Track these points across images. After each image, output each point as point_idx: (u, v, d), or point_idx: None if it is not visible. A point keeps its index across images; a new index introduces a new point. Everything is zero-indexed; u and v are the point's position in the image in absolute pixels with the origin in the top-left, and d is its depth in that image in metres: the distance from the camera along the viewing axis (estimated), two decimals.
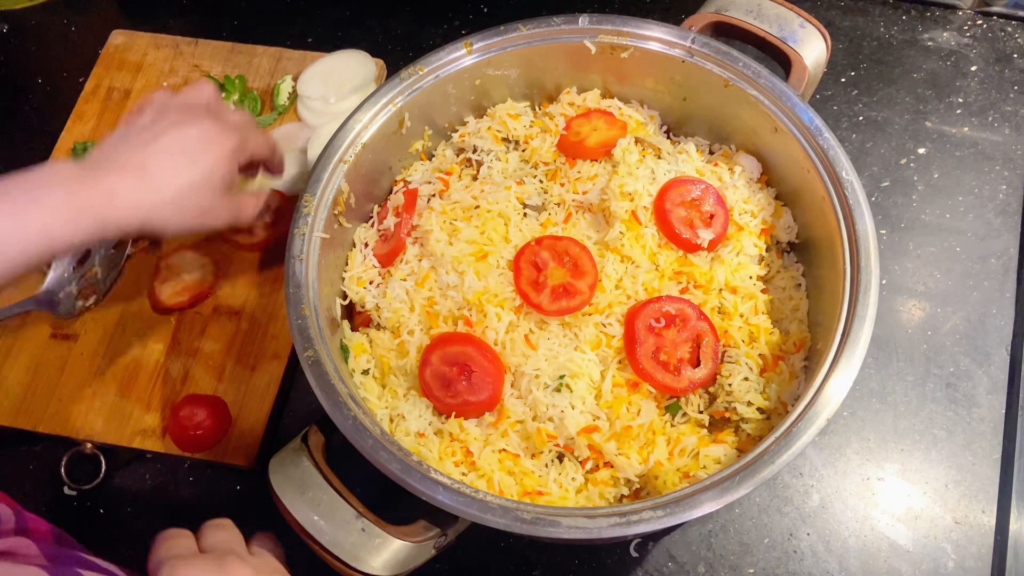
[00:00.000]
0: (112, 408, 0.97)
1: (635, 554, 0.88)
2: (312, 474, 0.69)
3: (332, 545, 0.66)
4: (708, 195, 0.86)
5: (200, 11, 1.30)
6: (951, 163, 1.08)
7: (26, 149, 1.18)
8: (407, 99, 0.88)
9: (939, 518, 0.89)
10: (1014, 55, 1.15)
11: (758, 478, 0.65)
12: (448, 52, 0.89)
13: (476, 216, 0.89)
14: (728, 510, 0.90)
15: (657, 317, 0.80)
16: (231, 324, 1.01)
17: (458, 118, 0.97)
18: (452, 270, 0.85)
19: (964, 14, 1.19)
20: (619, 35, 0.89)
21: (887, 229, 1.04)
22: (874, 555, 0.87)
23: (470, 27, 1.24)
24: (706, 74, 0.87)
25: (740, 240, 0.86)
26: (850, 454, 0.92)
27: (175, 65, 1.20)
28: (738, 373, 0.80)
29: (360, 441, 0.69)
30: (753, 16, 0.88)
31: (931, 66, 1.15)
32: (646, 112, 0.96)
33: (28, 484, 0.96)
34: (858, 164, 0.99)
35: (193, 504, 0.94)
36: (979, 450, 0.92)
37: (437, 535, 0.70)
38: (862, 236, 0.76)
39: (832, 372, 0.70)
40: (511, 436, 0.79)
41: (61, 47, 1.28)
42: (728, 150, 0.93)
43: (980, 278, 1.01)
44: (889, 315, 0.99)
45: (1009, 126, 1.10)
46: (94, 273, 1.00)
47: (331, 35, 1.25)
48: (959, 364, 0.96)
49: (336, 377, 0.73)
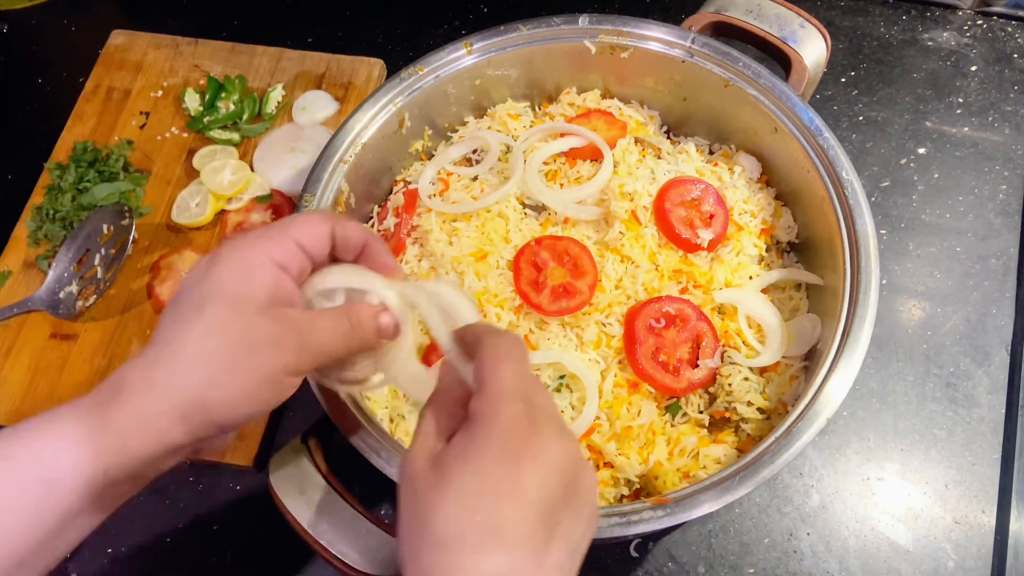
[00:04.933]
0: None
1: (635, 554, 0.88)
2: (312, 474, 0.69)
3: (332, 545, 0.66)
4: (708, 195, 0.86)
5: (200, 11, 1.30)
6: (951, 163, 1.08)
7: (26, 149, 1.18)
8: (407, 99, 0.88)
9: (939, 518, 0.89)
10: (1014, 55, 1.15)
11: (758, 478, 0.65)
12: (448, 52, 0.89)
13: (476, 216, 0.89)
14: (728, 510, 0.90)
15: (657, 317, 0.80)
16: None
17: (458, 118, 0.97)
18: (452, 270, 0.85)
19: (964, 14, 1.19)
20: (619, 35, 0.89)
21: (887, 229, 1.04)
22: (874, 555, 0.87)
23: (470, 27, 1.24)
24: (706, 74, 0.87)
25: (740, 240, 0.86)
26: (850, 454, 0.92)
27: (175, 65, 1.20)
28: (738, 373, 0.80)
29: (360, 441, 0.69)
30: (753, 16, 0.88)
31: (931, 66, 1.15)
32: (646, 112, 0.96)
33: None
34: (858, 164, 0.99)
35: (193, 504, 0.94)
36: (979, 450, 0.92)
37: None
38: (862, 236, 0.76)
39: (832, 372, 0.70)
40: None
41: (61, 47, 1.28)
42: (728, 150, 0.93)
43: (980, 278, 1.01)
44: (889, 315, 0.99)
45: (1009, 126, 1.10)
46: (94, 273, 1.00)
47: (331, 35, 1.25)
48: (959, 364, 0.96)
49: None
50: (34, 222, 1.07)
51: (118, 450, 0.49)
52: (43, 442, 0.49)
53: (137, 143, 1.14)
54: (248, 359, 0.51)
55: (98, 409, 0.50)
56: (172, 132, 1.15)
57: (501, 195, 0.88)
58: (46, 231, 1.06)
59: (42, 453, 0.49)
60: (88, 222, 1.01)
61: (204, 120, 1.14)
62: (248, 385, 0.51)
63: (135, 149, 1.13)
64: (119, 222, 1.03)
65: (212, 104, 1.15)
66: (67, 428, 0.49)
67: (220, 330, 0.51)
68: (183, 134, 1.15)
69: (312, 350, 0.55)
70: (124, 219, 1.03)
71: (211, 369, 0.50)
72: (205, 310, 0.52)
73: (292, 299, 0.56)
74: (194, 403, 0.50)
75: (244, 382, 0.51)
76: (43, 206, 1.08)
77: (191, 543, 0.92)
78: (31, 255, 1.06)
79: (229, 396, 0.51)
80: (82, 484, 0.49)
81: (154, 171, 1.12)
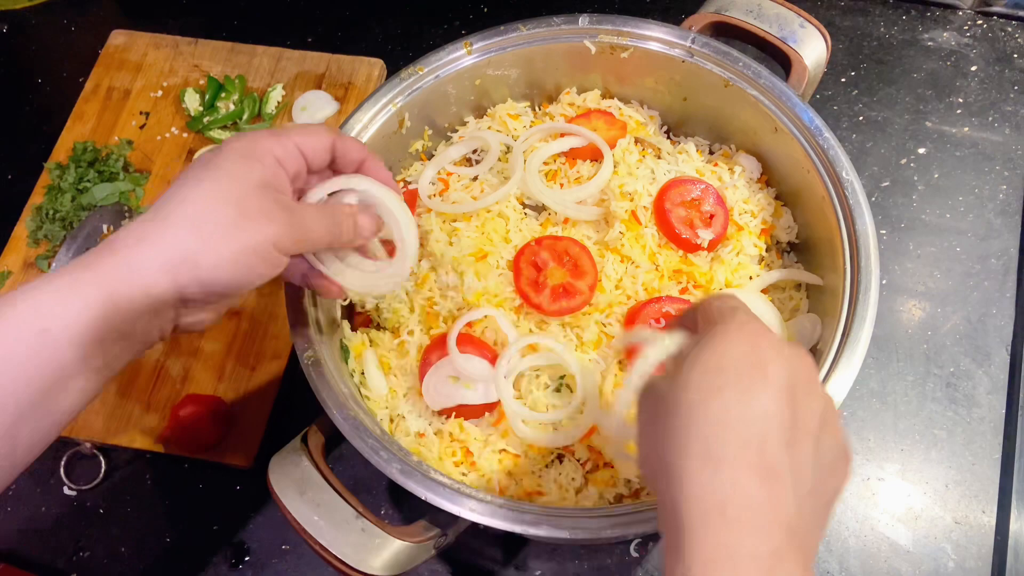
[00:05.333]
0: (112, 408, 0.97)
1: (635, 554, 0.88)
2: (312, 474, 0.69)
3: (332, 545, 0.66)
4: (708, 195, 0.86)
5: (200, 11, 1.30)
6: (951, 163, 1.08)
7: (26, 149, 1.18)
8: (407, 99, 0.88)
9: (939, 518, 0.89)
10: (1014, 55, 1.15)
11: None
12: (448, 52, 0.89)
13: (476, 216, 0.89)
14: None
15: (657, 317, 0.80)
16: (231, 324, 1.01)
17: (458, 118, 0.97)
18: (452, 270, 0.85)
19: (964, 14, 1.19)
20: (619, 35, 0.89)
21: (887, 229, 1.04)
22: (874, 555, 0.87)
23: (470, 27, 1.24)
24: (706, 74, 0.87)
25: (740, 240, 0.86)
26: None
27: (175, 65, 1.20)
28: None
29: (360, 441, 0.69)
30: (753, 16, 0.88)
31: (931, 66, 1.15)
32: (646, 112, 0.96)
33: (28, 484, 0.96)
34: (858, 164, 0.99)
35: (193, 504, 0.94)
36: (979, 450, 0.92)
37: (437, 535, 0.70)
38: (862, 236, 0.76)
39: (832, 372, 0.70)
40: (511, 436, 0.79)
41: (61, 47, 1.28)
42: (728, 150, 0.93)
43: (980, 278, 1.01)
44: (889, 315, 0.99)
45: (1009, 126, 1.10)
46: None
47: (331, 35, 1.25)
48: (959, 364, 0.96)
49: (336, 377, 0.73)
50: (34, 222, 1.07)
51: (107, 300, 0.51)
52: (40, 295, 0.51)
53: (137, 143, 1.14)
54: (240, 225, 0.54)
55: (90, 264, 0.52)
56: (172, 132, 1.15)
57: (501, 195, 0.88)
58: (46, 231, 1.06)
59: (39, 305, 0.50)
60: (88, 222, 1.01)
61: (204, 120, 1.14)
62: (237, 250, 0.54)
63: (135, 149, 1.13)
64: (119, 222, 1.03)
65: (212, 104, 1.15)
66: (62, 283, 0.51)
67: (216, 197, 0.54)
68: (183, 134, 1.15)
69: (299, 231, 0.58)
70: (124, 219, 1.03)
71: (203, 230, 0.53)
72: (203, 181, 0.55)
73: (285, 191, 0.60)
74: (183, 258, 0.53)
75: (233, 247, 0.54)
76: (43, 206, 1.08)
77: (191, 543, 0.92)
78: (31, 255, 1.07)
79: (219, 258, 0.53)
80: (75, 335, 0.50)
81: (154, 171, 1.12)
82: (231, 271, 0.54)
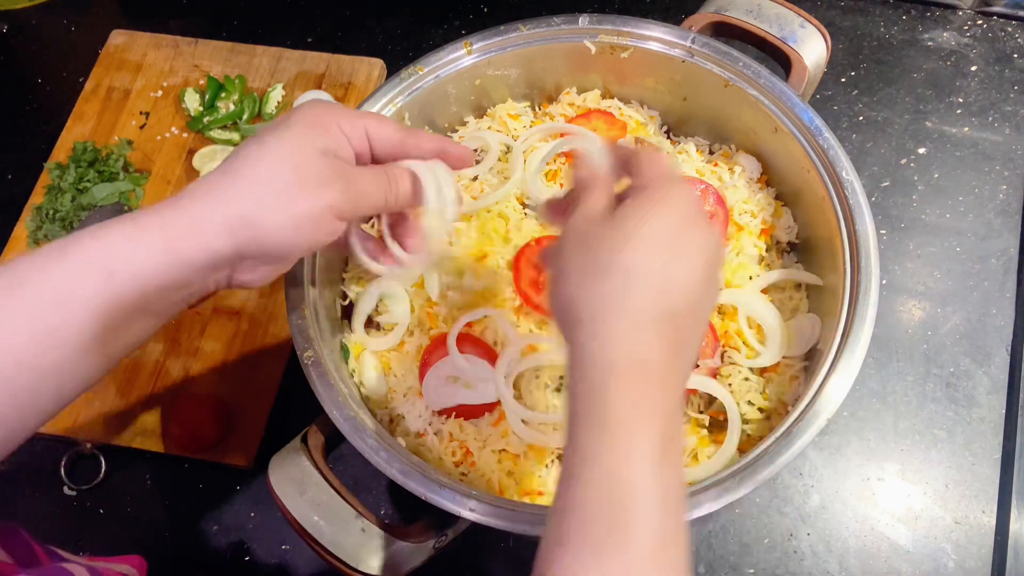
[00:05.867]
0: (112, 408, 0.97)
1: None
2: (312, 474, 0.69)
3: (332, 545, 0.66)
4: (708, 195, 0.86)
5: (200, 11, 1.30)
6: (951, 163, 1.08)
7: (26, 149, 1.18)
8: (407, 99, 0.88)
9: (939, 518, 0.89)
10: (1014, 55, 1.15)
11: (758, 478, 0.65)
12: (448, 52, 0.89)
13: (476, 216, 0.89)
14: (728, 510, 0.90)
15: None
16: (231, 324, 1.01)
17: (458, 118, 0.97)
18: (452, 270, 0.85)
19: (964, 14, 1.19)
20: (619, 35, 0.88)
21: (887, 229, 1.04)
22: (874, 555, 0.87)
23: (470, 27, 1.24)
24: (706, 74, 0.87)
25: (740, 240, 0.86)
26: (850, 454, 0.92)
27: (175, 65, 1.20)
28: (738, 373, 0.80)
29: (360, 441, 0.69)
30: (753, 16, 0.88)
31: (931, 66, 1.15)
32: (646, 112, 0.96)
33: (28, 484, 0.96)
34: (858, 164, 0.99)
35: (193, 504, 0.94)
36: (979, 450, 0.92)
37: (437, 535, 0.70)
38: (862, 236, 0.76)
39: (832, 372, 0.70)
40: (511, 436, 0.79)
41: (61, 47, 1.28)
42: (728, 150, 0.93)
43: (980, 278, 1.01)
44: (889, 315, 0.99)
45: (1009, 126, 1.10)
46: None
47: (331, 35, 1.25)
48: (959, 364, 0.96)
49: (336, 377, 0.73)
50: (34, 222, 1.07)
51: (169, 249, 0.54)
52: (108, 237, 0.54)
53: (137, 143, 1.14)
54: (299, 190, 0.56)
55: (157, 213, 0.55)
56: (172, 132, 1.15)
57: (501, 195, 0.88)
58: (46, 231, 1.06)
59: (107, 247, 0.53)
60: (88, 222, 1.01)
61: (204, 120, 1.14)
62: (295, 215, 0.56)
63: (135, 149, 1.13)
64: None
65: (212, 104, 1.15)
66: (129, 231, 0.54)
67: (279, 161, 0.56)
68: (183, 134, 1.15)
69: (355, 196, 0.59)
70: None
71: (264, 192, 0.55)
72: (268, 144, 0.57)
73: (348, 160, 0.61)
74: (243, 218, 0.55)
75: (292, 211, 0.56)
76: (43, 206, 1.08)
77: (191, 543, 0.92)
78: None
79: (277, 221, 0.55)
80: (140, 282, 0.54)
81: (154, 171, 1.12)
82: (290, 235, 0.57)
